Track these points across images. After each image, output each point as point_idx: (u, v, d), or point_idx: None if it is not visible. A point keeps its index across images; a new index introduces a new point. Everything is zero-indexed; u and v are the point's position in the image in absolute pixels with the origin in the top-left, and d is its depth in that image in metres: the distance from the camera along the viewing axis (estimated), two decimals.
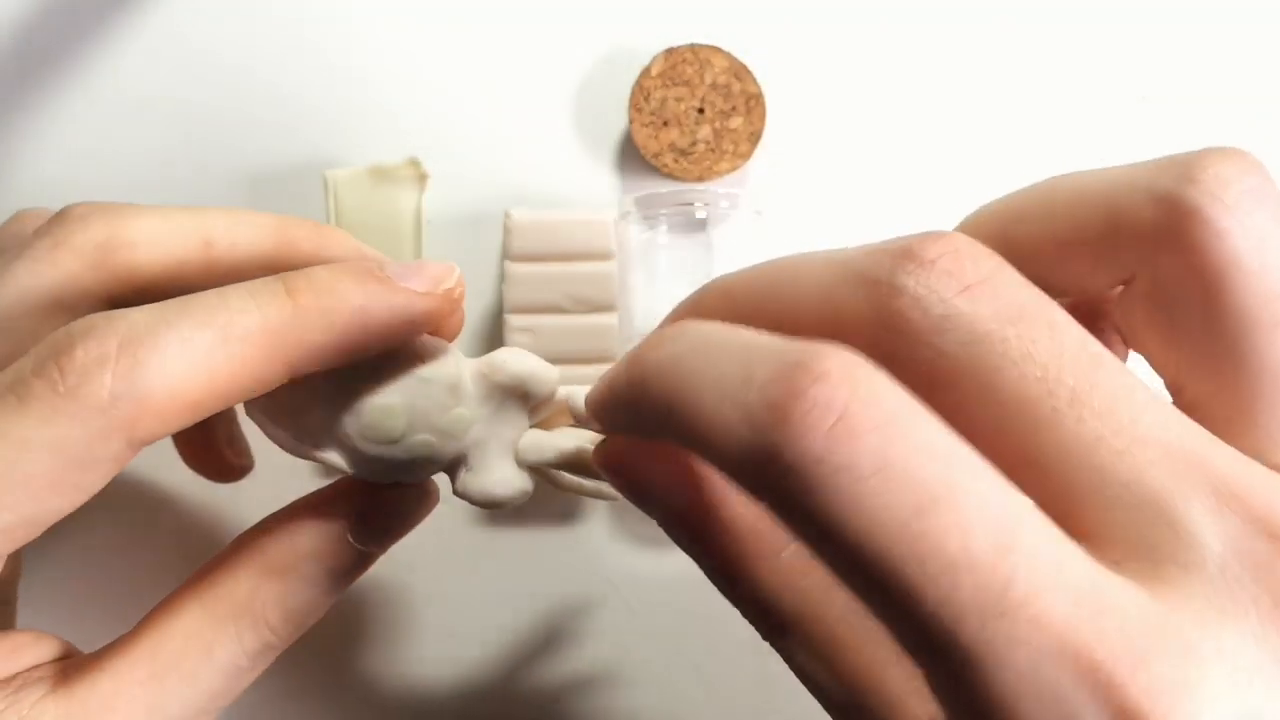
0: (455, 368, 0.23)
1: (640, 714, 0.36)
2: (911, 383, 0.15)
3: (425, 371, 0.22)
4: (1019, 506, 0.14)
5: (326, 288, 0.21)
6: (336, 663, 0.35)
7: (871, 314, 0.16)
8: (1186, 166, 0.16)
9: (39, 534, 0.19)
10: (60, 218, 0.24)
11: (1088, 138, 0.37)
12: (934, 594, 0.14)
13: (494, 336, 0.36)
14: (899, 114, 0.37)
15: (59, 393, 0.19)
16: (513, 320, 0.34)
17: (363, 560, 0.23)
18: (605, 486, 0.23)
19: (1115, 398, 0.15)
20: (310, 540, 0.23)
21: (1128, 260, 0.17)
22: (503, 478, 0.23)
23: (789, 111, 0.37)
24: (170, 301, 0.20)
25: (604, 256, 0.33)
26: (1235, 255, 0.15)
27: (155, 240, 0.23)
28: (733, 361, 0.15)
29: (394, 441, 0.22)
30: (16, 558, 0.25)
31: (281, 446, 0.23)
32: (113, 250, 0.23)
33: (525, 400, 0.23)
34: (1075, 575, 0.14)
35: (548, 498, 0.35)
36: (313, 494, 0.24)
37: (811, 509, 0.14)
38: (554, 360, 0.33)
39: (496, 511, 0.36)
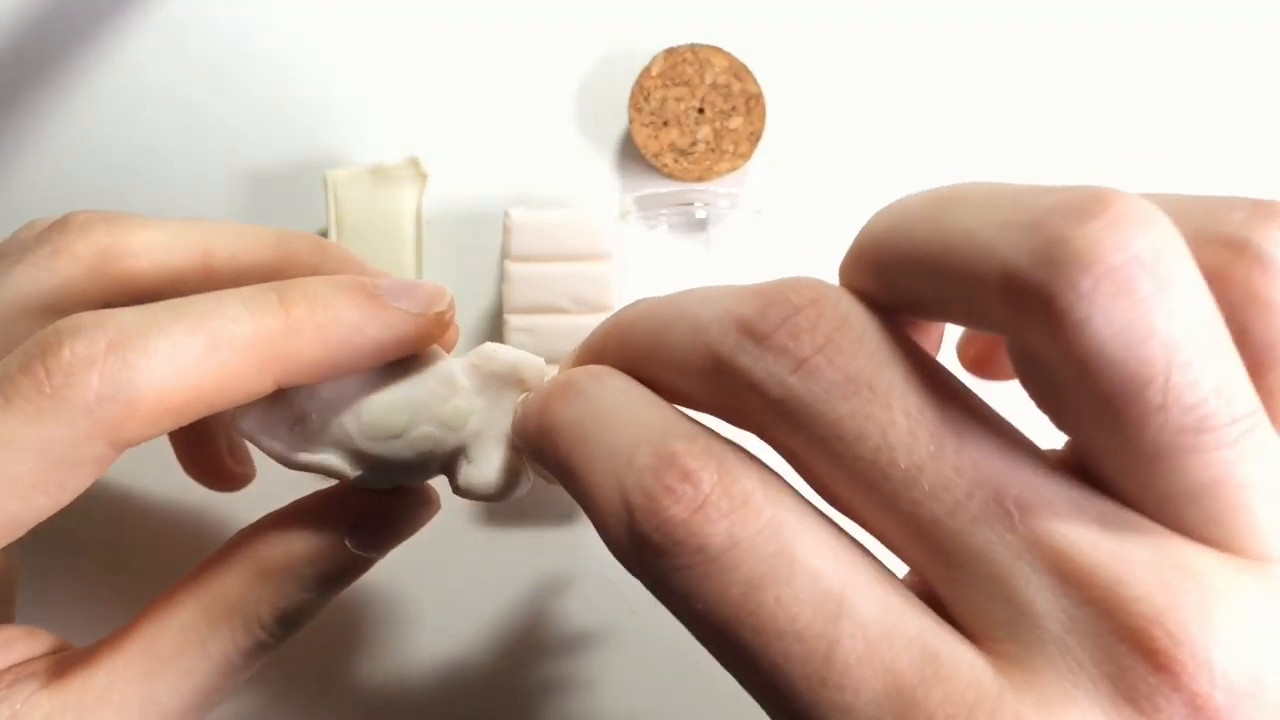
0: (447, 363, 0.23)
1: (640, 714, 0.35)
2: (779, 451, 0.17)
3: (420, 367, 0.22)
4: (857, 575, 0.15)
5: (321, 302, 0.20)
6: (336, 662, 0.35)
7: (721, 396, 0.17)
8: (1041, 237, 0.14)
9: (23, 533, 0.19)
10: (62, 225, 0.23)
11: (1088, 137, 0.37)
12: (768, 663, 0.15)
13: (494, 336, 0.36)
14: (899, 114, 0.37)
15: (45, 393, 0.18)
16: (513, 320, 0.34)
17: (358, 565, 0.23)
18: None
19: (952, 473, 0.15)
20: (305, 543, 0.22)
21: (991, 322, 0.15)
22: (505, 467, 0.23)
23: (789, 111, 0.37)
24: (162, 304, 0.20)
25: (604, 256, 0.33)
26: (1099, 345, 0.13)
27: (154, 250, 0.23)
28: (621, 435, 0.17)
29: (397, 436, 0.22)
30: (14, 559, 0.25)
31: (276, 458, 0.22)
32: (112, 258, 0.23)
33: (520, 387, 0.23)
34: (905, 640, 0.15)
35: (548, 497, 0.35)
36: (309, 496, 0.24)
37: (673, 588, 0.16)
38: (554, 360, 0.33)
39: (499, 504, 0.36)
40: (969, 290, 0.15)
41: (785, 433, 0.16)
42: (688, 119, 0.35)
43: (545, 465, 0.19)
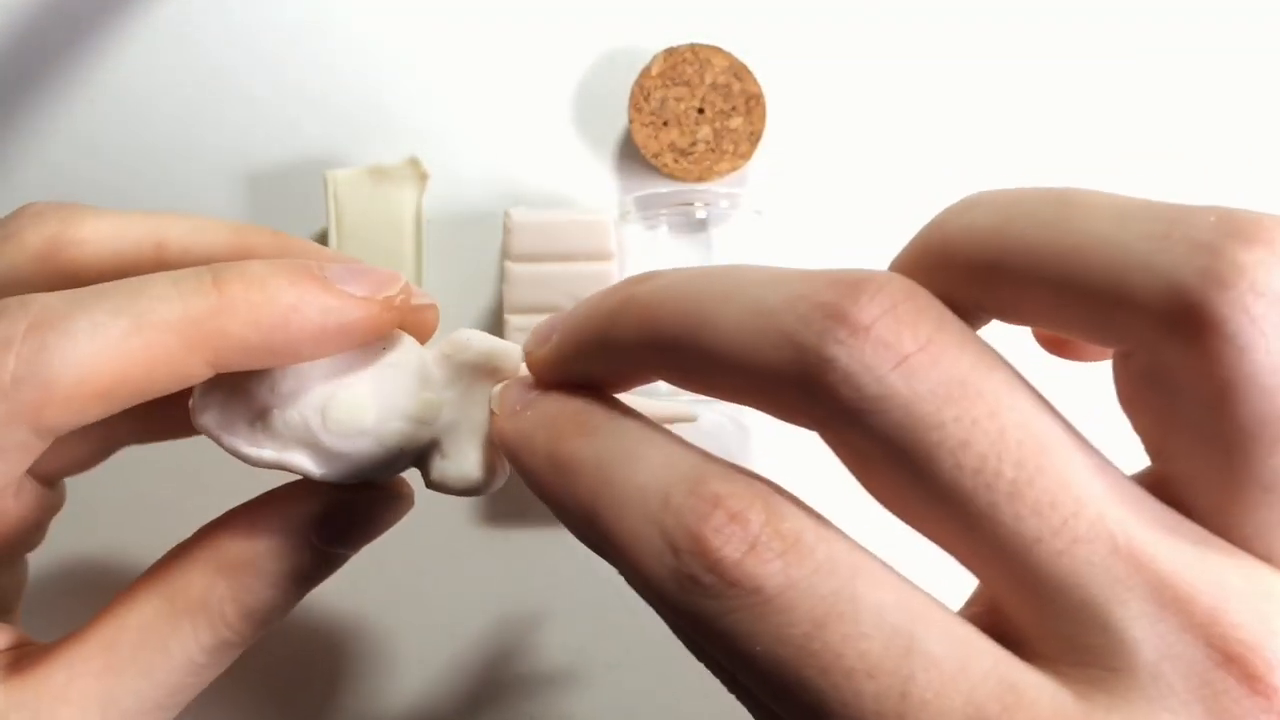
0: (416, 353, 0.22)
1: (640, 714, 0.35)
2: (841, 452, 0.16)
3: (388, 358, 0.21)
4: (920, 609, 0.15)
5: (257, 282, 0.19)
6: (335, 662, 0.35)
7: (798, 383, 0.15)
8: (1212, 257, 0.13)
9: None
10: (16, 213, 0.23)
11: (1088, 137, 0.37)
12: (838, 703, 0.14)
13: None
14: (899, 114, 0.37)
15: None
16: (513, 320, 0.34)
17: (327, 562, 0.22)
18: None
19: (1059, 490, 0.14)
20: (270, 539, 0.22)
21: (1127, 336, 0.15)
22: (482, 460, 0.22)
23: (789, 111, 0.37)
24: (90, 287, 0.19)
25: (604, 256, 0.33)
26: (1253, 371, 0.13)
27: (105, 239, 0.22)
28: (651, 476, 0.16)
29: (363, 432, 0.21)
30: (20, 572, 0.24)
31: (237, 456, 0.21)
32: (61, 245, 0.22)
33: (493, 376, 0.22)
34: (981, 672, 0.14)
35: None
36: (276, 489, 0.23)
37: (728, 630, 0.15)
38: None
39: (475, 497, 0.36)
40: (1110, 302, 0.14)
41: (865, 435, 0.15)
42: (688, 119, 0.35)
43: (557, 504, 0.18)
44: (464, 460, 0.22)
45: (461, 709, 0.35)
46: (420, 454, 0.22)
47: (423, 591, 0.36)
